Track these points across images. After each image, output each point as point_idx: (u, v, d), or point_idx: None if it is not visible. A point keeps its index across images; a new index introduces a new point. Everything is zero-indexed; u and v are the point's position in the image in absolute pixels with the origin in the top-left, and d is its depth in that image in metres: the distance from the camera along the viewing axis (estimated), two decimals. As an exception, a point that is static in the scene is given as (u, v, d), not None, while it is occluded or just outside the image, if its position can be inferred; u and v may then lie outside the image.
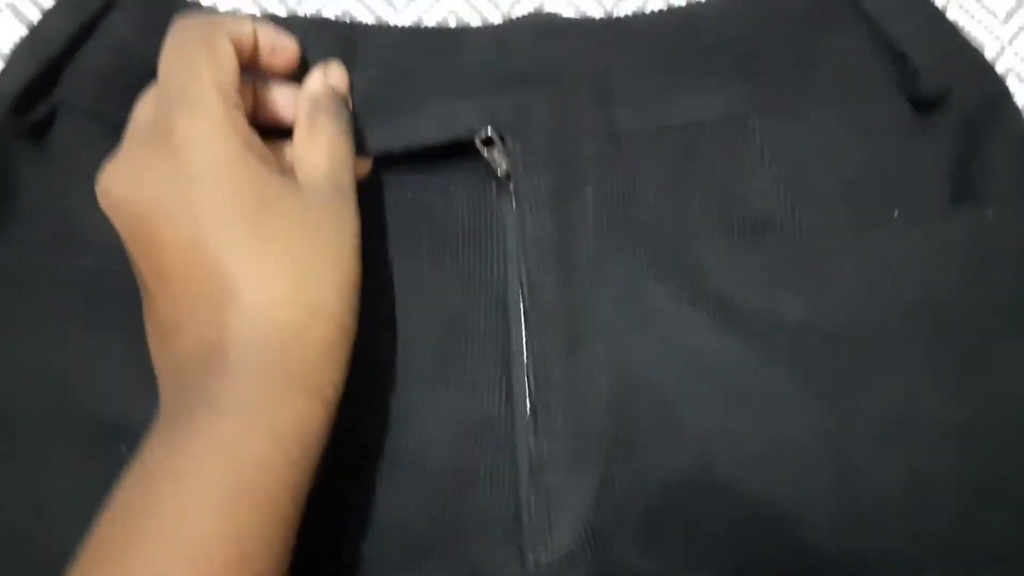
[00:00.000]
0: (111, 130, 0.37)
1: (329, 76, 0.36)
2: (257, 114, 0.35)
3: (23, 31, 0.40)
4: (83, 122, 0.37)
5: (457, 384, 0.36)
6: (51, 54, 0.37)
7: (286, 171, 0.32)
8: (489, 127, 0.37)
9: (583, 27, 0.40)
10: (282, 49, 0.35)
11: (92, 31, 0.37)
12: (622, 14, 0.43)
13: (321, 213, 0.31)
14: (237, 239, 0.28)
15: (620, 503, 0.34)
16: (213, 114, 0.29)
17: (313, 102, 0.34)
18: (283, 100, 0.36)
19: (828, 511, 0.35)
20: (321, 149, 0.33)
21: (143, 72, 0.37)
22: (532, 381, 0.35)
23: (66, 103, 0.37)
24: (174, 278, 0.29)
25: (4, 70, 0.37)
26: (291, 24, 0.39)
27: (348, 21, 0.41)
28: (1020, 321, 0.36)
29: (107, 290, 0.35)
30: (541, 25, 0.39)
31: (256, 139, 0.31)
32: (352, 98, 0.37)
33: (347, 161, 0.33)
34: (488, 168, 0.37)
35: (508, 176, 0.37)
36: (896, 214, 0.37)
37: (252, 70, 0.35)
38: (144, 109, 0.32)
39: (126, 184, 0.30)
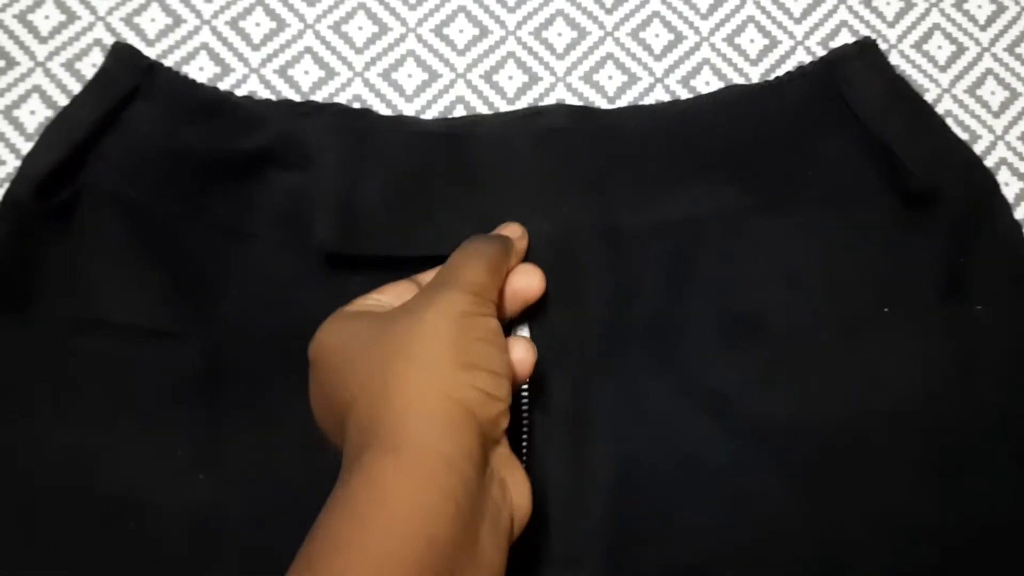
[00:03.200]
0: (134, 214, 0.38)
1: (506, 230, 0.38)
2: None
3: (50, 114, 0.42)
4: (107, 205, 0.38)
5: None
6: (77, 139, 0.38)
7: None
8: None
9: (581, 128, 0.41)
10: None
11: (117, 118, 0.39)
12: (624, 103, 0.45)
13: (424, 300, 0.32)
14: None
15: None
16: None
17: (476, 237, 0.36)
18: None
19: None
20: (456, 256, 0.34)
21: (166, 159, 0.39)
22: (532, 475, 0.36)
23: (91, 187, 0.38)
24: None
25: (31, 153, 0.39)
26: (307, 112, 0.41)
27: (359, 108, 0.42)
28: (1004, 421, 0.37)
29: (126, 371, 0.36)
30: (541, 128, 0.40)
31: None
32: (366, 196, 0.39)
33: (480, 271, 0.33)
34: None
35: None
36: (886, 310, 0.38)
37: None
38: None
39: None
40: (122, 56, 0.40)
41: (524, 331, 0.38)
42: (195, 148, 0.39)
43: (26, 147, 0.42)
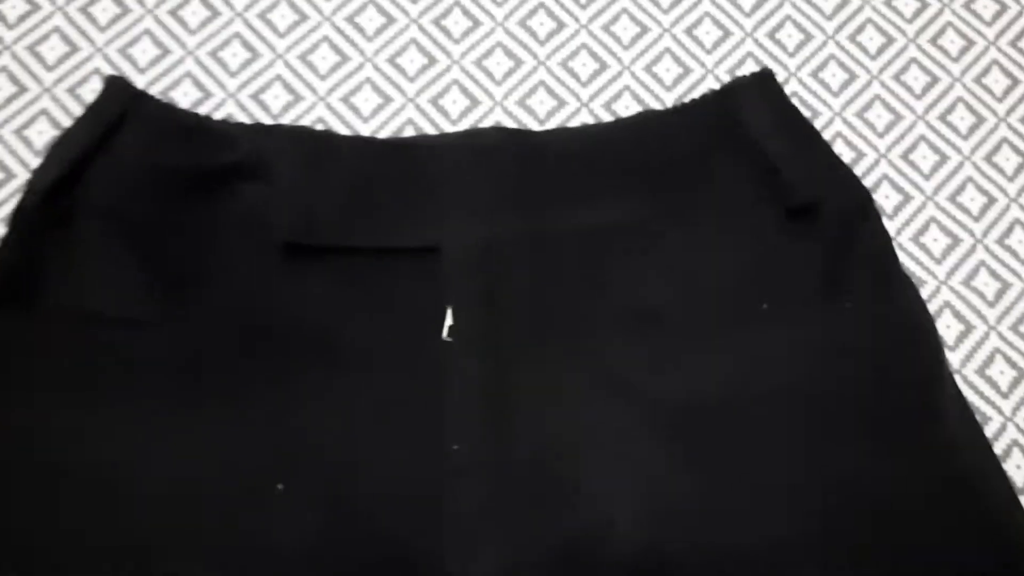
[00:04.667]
0: (121, 221, 0.45)
1: None
2: None
3: (55, 134, 0.49)
4: (99, 215, 0.44)
5: (395, 439, 0.43)
6: (75, 158, 0.45)
7: None
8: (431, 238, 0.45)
9: (513, 147, 0.47)
10: None
11: (108, 140, 0.46)
12: (553, 125, 0.51)
13: None
14: None
15: (532, 552, 0.40)
16: None
17: None
18: None
19: (703, 559, 0.40)
20: None
21: (149, 174, 0.46)
22: (459, 446, 0.42)
23: (86, 199, 0.45)
24: None
25: (38, 169, 0.45)
26: (274, 133, 0.48)
27: (321, 129, 0.49)
28: (863, 399, 0.43)
29: (113, 357, 0.42)
30: (478, 146, 0.47)
31: None
32: (321, 195, 0.45)
33: None
34: (432, 268, 0.45)
35: (446, 280, 0.44)
36: (765, 306, 0.44)
37: None
38: None
39: None
40: (114, 86, 0.47)
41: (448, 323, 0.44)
42: (174, 165, 0.46)
43: (35, 162, 0.49)
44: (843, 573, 0.40)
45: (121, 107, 0.46)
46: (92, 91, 0.50)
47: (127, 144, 0.46)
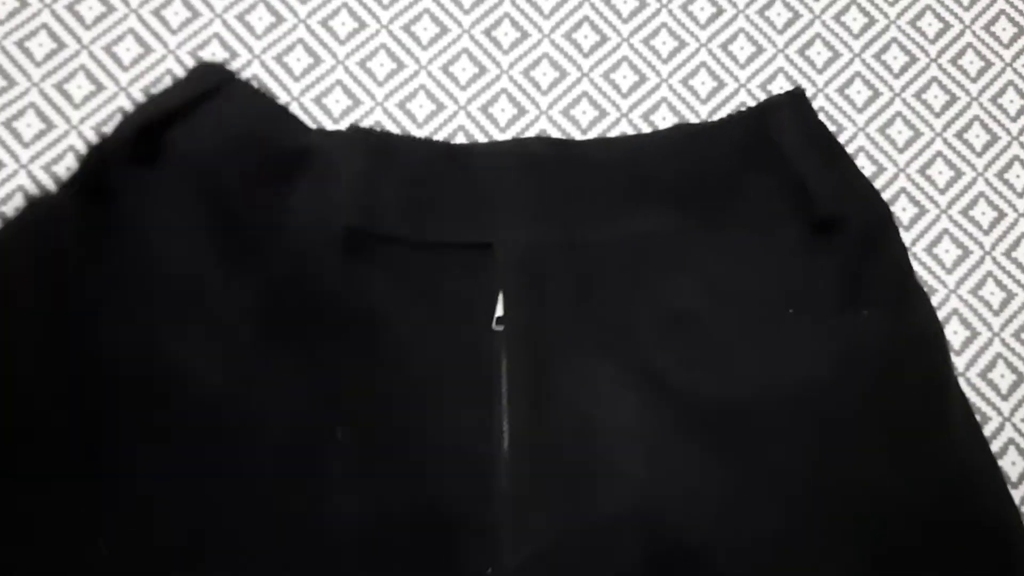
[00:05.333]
0: (199, 176, 0.48)
1: None
2: None
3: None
4: (182, 165, 0.48)
5: (447, 419, 0.46)
6: (170, 106, 0.48)
7: None
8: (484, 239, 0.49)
9: (556, 156, 0.51)
10: None
11: (202, 103, 0.49)
12: (595, 135, 0.55)
13: None
14: None
15: (569, 532, 0.45)
16: None
17: None
18: None
19: (726, 544, 0.45)
20: None
21: (232, 141, 0.49)
22: (508, 432, 0.46)
23: (171, 147, 0.47)
24: None
25: (122, 122, 0.49)
26: (339, 135, 0.51)
27: (381, 131, 0.53)
28: (882, 406, 0.46)
29: (193, 300, 0.46)
30: (524, 155, 0.51)
31: None
32: (385, 190, 0.49)
33: None
34: (482, 263, 0.49)
35: (498, 275, 0.48)
36: (791, 312, 0.48)
37: None
38: None
39: None
40: (211, 64, 0.51)
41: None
42: (259, 137, 0.49)
43: (112, 157, 0.52)
44: (853, 569, 0.44)
45: (218, 79, 0.50)
46: (165, 91, 0.54)
47: (220, 109, 0.49)
